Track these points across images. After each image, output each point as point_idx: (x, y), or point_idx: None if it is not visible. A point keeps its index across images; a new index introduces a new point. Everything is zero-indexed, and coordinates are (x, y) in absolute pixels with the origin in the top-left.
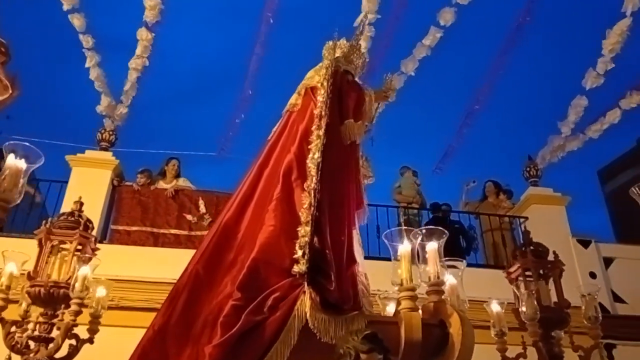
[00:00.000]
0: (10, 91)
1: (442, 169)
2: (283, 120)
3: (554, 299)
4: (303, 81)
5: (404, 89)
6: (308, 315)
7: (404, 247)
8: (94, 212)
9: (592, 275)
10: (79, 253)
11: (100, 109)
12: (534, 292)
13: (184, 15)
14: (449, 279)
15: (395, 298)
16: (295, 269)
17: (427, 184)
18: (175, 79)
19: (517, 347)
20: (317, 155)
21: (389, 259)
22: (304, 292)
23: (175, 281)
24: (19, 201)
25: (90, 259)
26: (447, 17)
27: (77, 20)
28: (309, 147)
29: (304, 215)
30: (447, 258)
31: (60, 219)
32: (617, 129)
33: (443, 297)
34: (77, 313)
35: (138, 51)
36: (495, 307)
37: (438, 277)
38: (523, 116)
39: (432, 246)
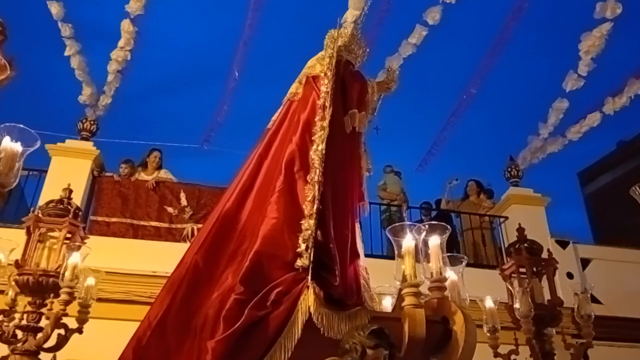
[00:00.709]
0: (8, 71)
1: (425, 167)
2: (283, 109)
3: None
4: (304, 70)
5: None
6: (312, 310)
7: (408, 243)
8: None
9: (569, 275)
10: (67, 241)
11: (82, 98)
12: (528, 289)
13: (169, 6)
14: (450, 275)
15: (390, 293)
16: (299, 262)
17: (410, 182)
18: (159, 70)
19: (507, 346)
20: (321, 146)
21: (373, 256)
22: (307, 286)
23: (154, 274)
24: (14, 185)
25: (79, 247)
26: (433, 15)
27: (54, 8)
28: (313, 138)
29: (308, 208)
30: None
31: (48, 207)
32: (598, 132)
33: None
34: (67, 302)
35: (121, 43)
36: (488, 303)
37: (440, 274)
38: (506, 117)
39: (435, 242)
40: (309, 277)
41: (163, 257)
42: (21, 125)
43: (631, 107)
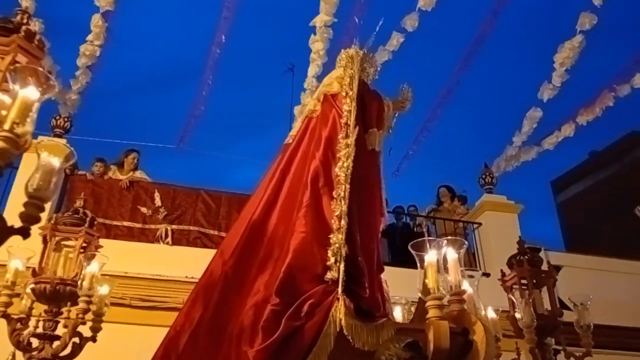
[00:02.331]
0: (56, 89)
1: (400, 172)
2: (302, 126)
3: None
4: (321, 88)
5: None
6: (343, 321)
7: (431, 257)
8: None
9: None
10: (82, 250)
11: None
12: (531, 300)
13: (142, 4)
14: (467, 288)
15: (401, 303)
16: (328, 275)
17: (386, 187)
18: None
19: (507, 354)
20: (346, 163)
21: None
22: (338, 298)
23: (125, 274)
24: (52, 199)
25: (94, 256)
26: (411, 22)
27: (25, 2)
28: (338, 155)
29: (336, 223)
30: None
31: (64, 216)
32: (571, 142)
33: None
34: (85, 311)
35: (90, 37)
36: (490, 313)
37: (459, 286)
38: (482, 124)
39: (453, 255)
40: (339, 289)
41: (136, 258)
42: (60, 140)
43: (603, 119)
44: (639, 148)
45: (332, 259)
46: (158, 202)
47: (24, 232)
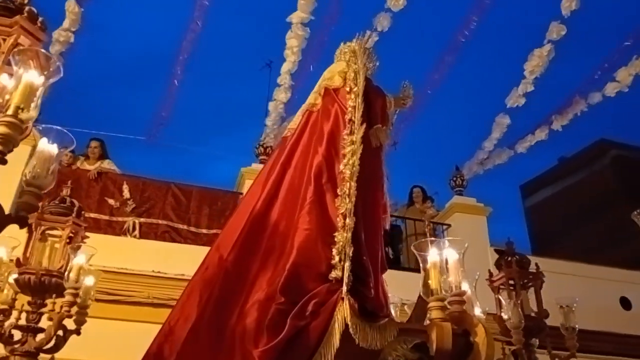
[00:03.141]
0: (61, 74)
1: None
2: (303, 119)
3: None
4: (322, 81)
5: None
6: (348, 321)
7: (433, 258)
8: (10, 189)
9: None
10: (69, 241)
11: None
12: (519, 301)
13: None
14: (466, 289)
15: (393, 302)
16: (333, 274)
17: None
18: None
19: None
20: (351, 160)
21: None
22: (342, 298)
23: (90, 266)
24: (52, 186)
25: (79, 247)
26: (383, 22)
27: None
28: (343, 152)
29: (340, 221)
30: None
31: (50, 205)
32: (541, 147)
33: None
34: (72, 304)
35: (65, 24)
36: (477, 312)
37: (460, 287)
38: (455, 127)
39: (454, 256)
40: (344, 289)
41: (101, 250)
42: (58, 127)
43: (572, 126)
44: (607, 156)
45: (337, 258)
46: (127, 194)
47: (22, 221)
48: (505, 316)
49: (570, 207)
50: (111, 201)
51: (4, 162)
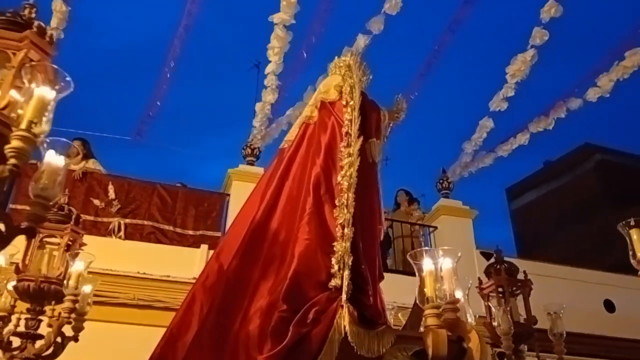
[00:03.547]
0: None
1: None
2: (300, 132)
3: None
4: (318, 94)
5: None
6: (347, 329)
7: (428, 266)
8: None
9: None
10: (67, 248)
11: None
12: (508, 308)
13: None
14: (459, 296)
15: (389, 309)
16: (332, 282)
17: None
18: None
19: None
20: (349, 172)
21: None
22: (342, 306)
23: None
24: (58, 197)
25: (77, 254)
26: (375, 25)
27: None
28: (340, 164)
29: (340, 231)
30: None
31: (49, 212)
32: (527, 150)
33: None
34: (72, 310)
35: (53, 23)
36: (469, 318)
37: (454, 295)
38: (441, 130)
39: (448, 264)
40: (343, 297)
41: (86, 251)
42: (64, 139)
43: (557, 130)
44: (591, 160)
45: (336, 267)
46: (112, 194)
47: (30, 232)
48: (495, 323)
49: (555, 211)
50: (96, 201)
51: (18, 174)
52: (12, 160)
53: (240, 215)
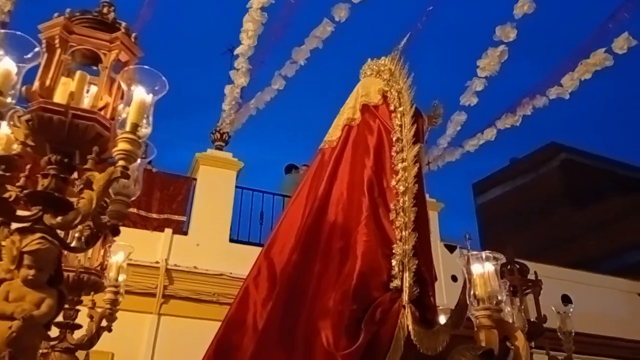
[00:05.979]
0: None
1: None
2: (343, 134)
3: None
4: (357, 97)
5: (294, 77)
6: (410, 328)
7: (478, 269)
8: None
9: (454, 278)
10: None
11: None
12: (522, 307)
13: None
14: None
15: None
16: (393, 284)
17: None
18: None
19: None
20: (404, 176)
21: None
22: (404, 306)
23: None
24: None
25: (111, 244)
26: (341, 12)
27: None
28: (395, 168)
29: (398, 234)
30: None
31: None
32: (494, 147)
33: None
34: (113, 302)
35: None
36: (509, 318)
37: (498, 297)
38: None
39: (491, 268)
40: (405, 297)
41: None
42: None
43: (525, 128)
44: (556, 159)
45: (396, 268)
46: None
47: (115, 230)
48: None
49: (519, 207)
50: None
51: (127, 177)
52: (122, 162)
53: (288, 216)
